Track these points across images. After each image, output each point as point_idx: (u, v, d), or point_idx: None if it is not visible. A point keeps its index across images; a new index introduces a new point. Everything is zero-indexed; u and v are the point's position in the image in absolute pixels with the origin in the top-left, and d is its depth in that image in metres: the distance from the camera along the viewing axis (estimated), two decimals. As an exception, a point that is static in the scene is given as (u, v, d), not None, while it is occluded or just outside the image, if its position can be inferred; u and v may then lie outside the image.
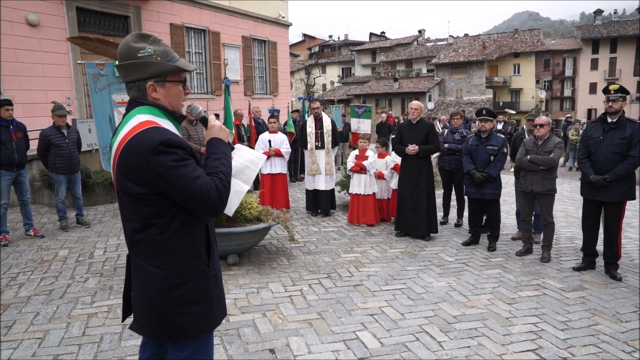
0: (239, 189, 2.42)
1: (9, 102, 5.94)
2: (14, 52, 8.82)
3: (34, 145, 6.59)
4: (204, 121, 1.97)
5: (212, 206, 1.72)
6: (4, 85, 8.72)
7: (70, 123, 6.92)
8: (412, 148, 6.09)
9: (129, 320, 1.98)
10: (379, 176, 7.12)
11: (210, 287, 1.87)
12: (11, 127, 5.93)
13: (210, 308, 1.87)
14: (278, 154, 7.50)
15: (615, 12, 52.51)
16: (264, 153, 7.25)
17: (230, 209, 2.36)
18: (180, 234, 1.78)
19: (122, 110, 1.82)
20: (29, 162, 7.05)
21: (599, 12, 50.56)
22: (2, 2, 8.58)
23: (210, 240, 1.93)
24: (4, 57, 8.69)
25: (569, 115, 19.79)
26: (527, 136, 6.02)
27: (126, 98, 1.88)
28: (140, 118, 1.74)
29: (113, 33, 10.73)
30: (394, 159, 6.98)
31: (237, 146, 2.44)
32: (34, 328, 3.65)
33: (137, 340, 3.37)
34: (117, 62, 1.83)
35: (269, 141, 7.50)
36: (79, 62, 7.20)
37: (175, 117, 1.88)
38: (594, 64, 46.79)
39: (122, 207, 1.82)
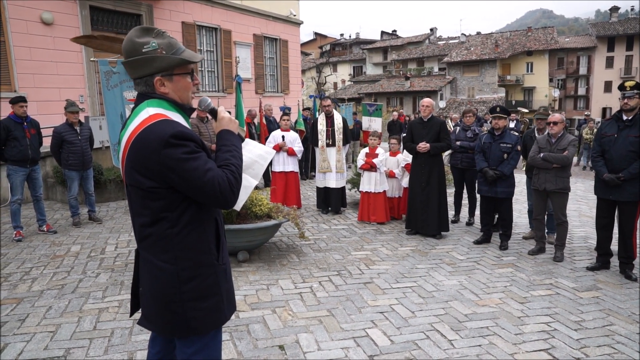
0: (247, 184, 2.41)
1: (23, 99, 6.02)
2: (28, 51, 8.95)
3: (47, 142, 6.68)
4: (214, 113, 1.95)
5: (223, 199, 1.72)
6: (19, 83, 8.84)
7: (82, 120, 7.00)
8: (423, 146, 6.04)
9: (138, 314, 1.98)
10: (390, 175, 7.09)
11: (219, 282, 1.86)
12: (25, 123, 6.01)
13: (220, 303, 1.86)
14: (291, 153, 7.52)
15: (632, 9, 51.68)
16: (274, 147, 7.26)
17: (238, 203, 2.35)
18: (190, 228, 1.77)
19: (133, 106, 1.81)
20: (42, 158, 7.13)
21: (615, 9, 49.68)
22: (18, 2, 8.69)
23: (220, 234, 1.92)
24: (18, 56, 8.81)
25: (587, 113, 19.37)
26: (537, 135, 5.95)
27: (137, 95, 1.87)
28: (150, 111, 1.73)
29: (125, 32, 10.80)
30: (405, 157, 6.94)
31: (246, 141, 2.43)
32: (46, 322, 3.69)
33: (147, 335, 3.39)
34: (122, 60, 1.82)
35: (282, 137, 7.53)
36: (91, 59, 7.27)
37: (184, 110, 1.87)
38: (609, 62, 46.01)
39: (131, 202, 1.81)
